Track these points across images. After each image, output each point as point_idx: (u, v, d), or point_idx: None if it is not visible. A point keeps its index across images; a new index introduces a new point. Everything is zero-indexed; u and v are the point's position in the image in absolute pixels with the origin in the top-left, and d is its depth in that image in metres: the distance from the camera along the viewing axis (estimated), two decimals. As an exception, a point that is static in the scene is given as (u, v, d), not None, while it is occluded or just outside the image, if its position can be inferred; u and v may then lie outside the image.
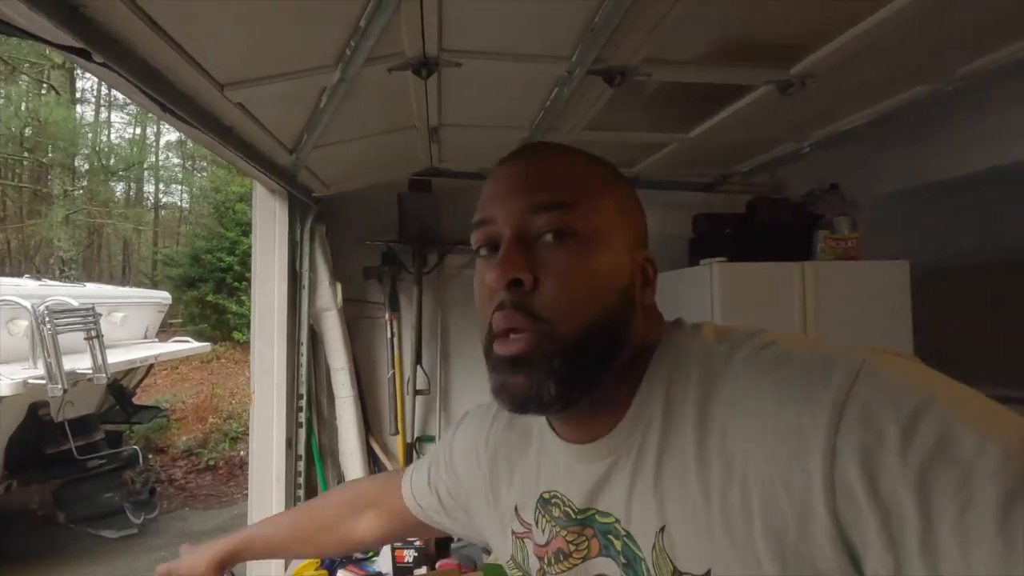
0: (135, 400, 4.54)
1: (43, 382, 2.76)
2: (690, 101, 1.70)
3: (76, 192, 11.54)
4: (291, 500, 2.31)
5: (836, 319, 2.19)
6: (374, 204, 2.70)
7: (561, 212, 0.51)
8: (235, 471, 4.19)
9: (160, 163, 14.43)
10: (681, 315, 2.12)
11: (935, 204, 2.61)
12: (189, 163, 14.65)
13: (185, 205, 14.92)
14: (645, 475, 0.49)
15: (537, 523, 0.59)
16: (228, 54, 1.10)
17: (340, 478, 2.55)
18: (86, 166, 12.20)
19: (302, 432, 2.44)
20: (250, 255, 2.46)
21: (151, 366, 4.60)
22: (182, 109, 1.15)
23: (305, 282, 2.45)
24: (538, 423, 0.62)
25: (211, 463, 5.14)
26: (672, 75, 1.40)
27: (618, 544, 0.51)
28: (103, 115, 13.79)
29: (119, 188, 13.56)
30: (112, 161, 12.66)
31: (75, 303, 3.16)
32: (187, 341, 4.80)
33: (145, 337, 4.49)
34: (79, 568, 3.26)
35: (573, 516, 0.55)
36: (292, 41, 1.12)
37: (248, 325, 2.58)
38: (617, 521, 0.51)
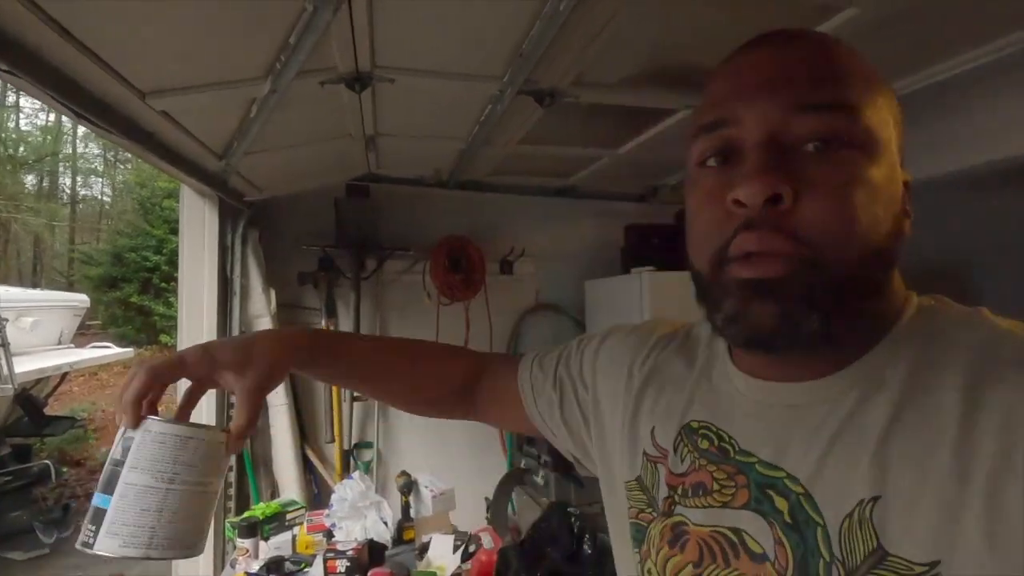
0: (46, 410, 4.22)
1: (-61, 395, 2.54)
2: (620, 118, 1.78)
3: (-22, 183, 10.58)
4: (221, 511, 2.24)
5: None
6: (310, 208, 2.66)
7: (837, 114, 0.41)
8: (160, 483, 3.97)
9: (78, 154, 13.44)
10: (613, 320, 2.21)
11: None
12: (111, 155, 13.71)
13: (106, 199, 13.97)
14: (864, 435, 0.41)
15: (676, 450, 0.52)
16: (151, 63, 1.07)
17: (274, 487, 2.49)
18: (-9, 155, 11.21)
19: (233, 442, 2.37)
20: (179, 254, 2.37)
21: (65, 373, 4.30)
22: (98, 116, 1.11)
23: (237, 288, 2.38)
24: (710, 350, 0.55)
25: (133, 475, 4.86)
26: (599, 97, 1.48)
27: (781, 502, 0.43)
28: (10, 99, 12.70)
29: (29, 180, 12.52)
30: (21, 150, 11.68)
31: (-24, 308, 2.93)
32: (107, 347, 4.52)
33: (59, 343, 4.19)
34: (-19, 594, 3.01)
35: (731, 455, 0.48)
36: (220, 52, 1.11)
37: (177, 327, 2.48)
38: (789, 477, 0.43)
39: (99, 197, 14.07)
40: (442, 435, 2.87)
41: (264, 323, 2.45)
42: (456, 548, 1.28)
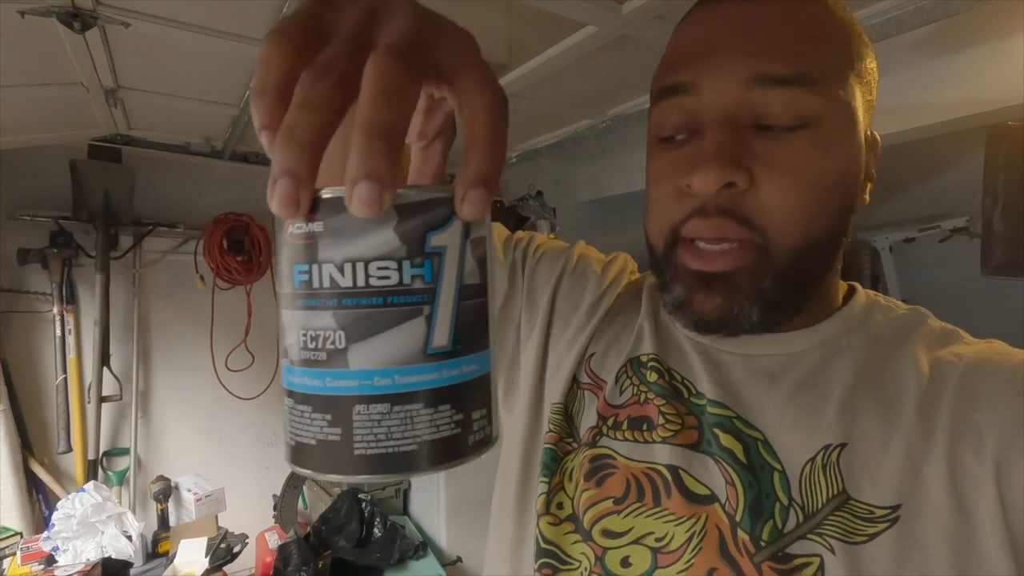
0: None
1: None
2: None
3: None
4: None
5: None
6: (33, 171, 2.17)
7: (800, 91, 0.38)
8: None
9: None
10: None
11: (612, 214, 3.24)
12: None
13: None
14: (828, 389, 0.42)
15: (617, 380, 0.50)
16: None
17: (-20, 516, 2.00)
18: None
19: (-88, 465, 1.84)
20: None
21: None
22: None
23: (-85, 266, 1.84)
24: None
25: None
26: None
27: (734, 444, 0.42)
28: None
29: None
30: None
31: None
32: None
33: None
34: None
35: (684, 396, 0.46)
36: None
37: None
38: (744, 421, 0.43)
39: None
40: (221, 433, 2.60)
41: (-38, 311, 1.94)
42: (209, 549, 1.17)
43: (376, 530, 2.12)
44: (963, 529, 0.35)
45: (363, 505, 2.17)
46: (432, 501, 2.41)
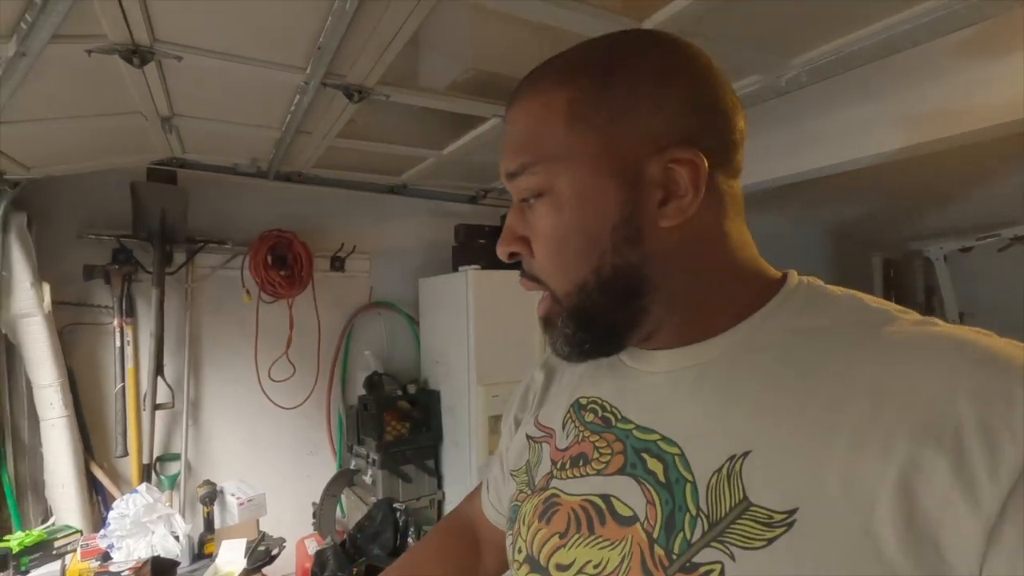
0: None
1: None
2: (447, 120, 1.83)
3: None
4: (-32, 550, 1.87)
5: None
6: (99, 192, 2.33)
7: (523, 178, 0.48)
8: None
9: None
10: (444, 317, 2.32)
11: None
12: None
13: None
14: (737, 394, 0.43)
15: (564, 426, 0.56)
16: None
17: (46, 513, 2.14)
18: None
19: (-12, 465, 2.00)
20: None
21: None
22: None
23: (-6, 282, 2.01)
24: None
25: None
26: (408, 99, 1.51)
27: (655, 464, 0.45)
28: None
29: None
30: None
31: None
32: None
33: None
34: None
35: (612, 424, 0.51)
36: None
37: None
38: (664, 439, 0.46)
39: None
40: (263, 441, 2.71)
41: (35, 322, 2.10)
42: (248, 551, 1.23)
43: (410, 539, 2.15)
44: (860, 529, 0.35)
45: (398, 515, 2.21)
46: (465, 512, 2.43)
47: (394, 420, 2.58)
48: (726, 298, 0.48)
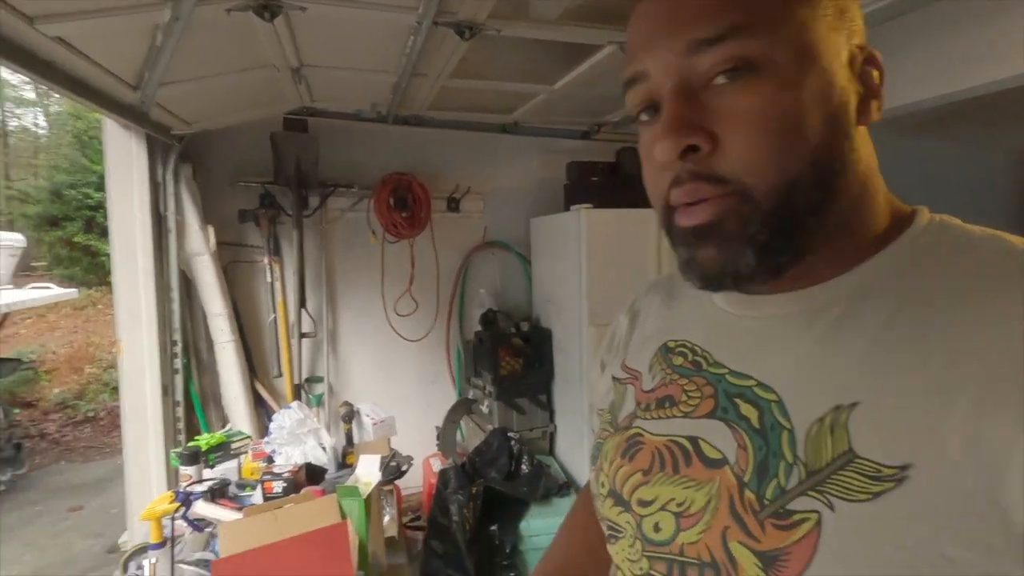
0: (-9, 352, 4.14)
1: None
2: (558, 53, 1.76)
3: None
4: (171, 445, 2.31)
5: (688, 260, 2.45)
6: (247, 143, 2.59)
7: (733, 43, 0.39)
8: (118, 421, 4.02)
9: (3, 80, 12.35)
10: (556, 257, 2.34)
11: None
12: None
13: (41, 132, 13.02)
14: (848, 344, 0.41)
15: (650, 369, 0.54)
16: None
17: (224, 420, 2.56)
18: (-98, 81, 10.21)
19: (179, 378, 2.41)
20: (106, 191, 2.30)
21: (7, 315, 4.18)
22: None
23: (172, 225, 2.34)
24: None
25: (90, 414, 4.86)
26: (520, 31, 1.46)
27: (748, 410, 0.44)
28: (-82, 18, 11.38)
29: (-50, 109, 11.52)
30: (-63, 76, 10.65)
31: None
32: (48, 287, 4.38)
33: (-2, 283, 4.05)
34: (-60, 530, 3.07)
35: (703, 368, 0.49)
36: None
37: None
38: (760, 385, 0.44)
39: (33, 129, 13.10)
40: (392, 369, 2.97)
41: (203, 261, 2.43)
42: (382, 465, 1.38)
43: (524, 466, 2.29)
44: (985, 497, 0.33)
45: (512, 443, 2.34)
46: (577, 445, 2.52)
47: (508, 356, 2.69)
48: (861, 230, 0.44)
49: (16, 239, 4.41)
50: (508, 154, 3.03)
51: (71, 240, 7.34)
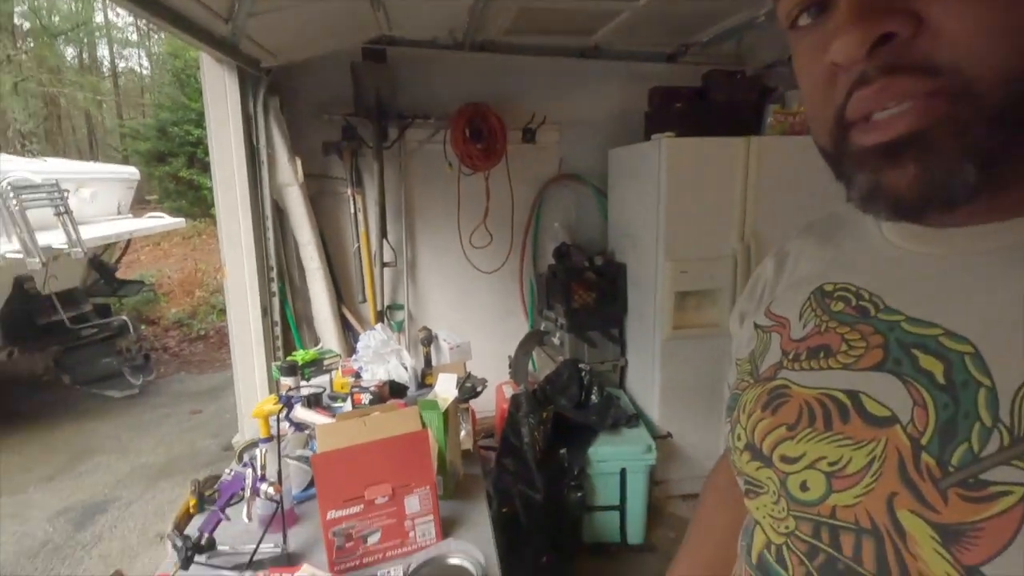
0: (118, 275, 4.67)
1: (20, 256, 2.86)
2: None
3: (21, 56, 10.67)
4: (271, 360, 2.55)
5: (776, 194, 2.31)
6: (329, 75, 2.64)
7: None
8: (225, 339, 4.47)
9: (111, 23, 13.18)
10: (633, 189, 2.30)
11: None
12: (142, 23, 13.39)
13: (145, 72, 13.92)
14: None
15: (801, 315, 0.48)
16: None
17: (316, 341, 2.78)
18: (27, 25, 11.14)
19: (276, 301, 2.63)
20: (206, 125, 2.45)
21: (129, 242, 4.67)
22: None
23: (263, 157, 2.48)
24: (853, 211, 0.47)
25: (201, 332, 5.45)
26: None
27: (930, 362, 0.37)
28: (35, -36, 12.25)
29: (69, 52, 12.51)
30: (56, 19, 11.53)
31: (38, 179, 3.15)
32: (161, 216, 4.83)
33: (118, 213, 4.50)
34: (89, 423, 3.61)
35: (872, 315, 0.42)
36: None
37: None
38: (948, 334, 0.37)
39: (138, 69, 14.02)
40: (468, 300, 3.07)
41: (293, 191, 2.57)
42: (458, 384, 1.47)
43: (593, 396, 2.34)
44: None
45: (583, 374, 2.39)
46: (647, 380, 2.53)
47: (581, 289, 2.70)
48: None
49: (131, 172, 4.84)
50: (586, 82, 2.90)
51: (177, 175, 7.94)
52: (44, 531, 2.54)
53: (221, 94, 2.35)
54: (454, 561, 0.88)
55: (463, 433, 1.57)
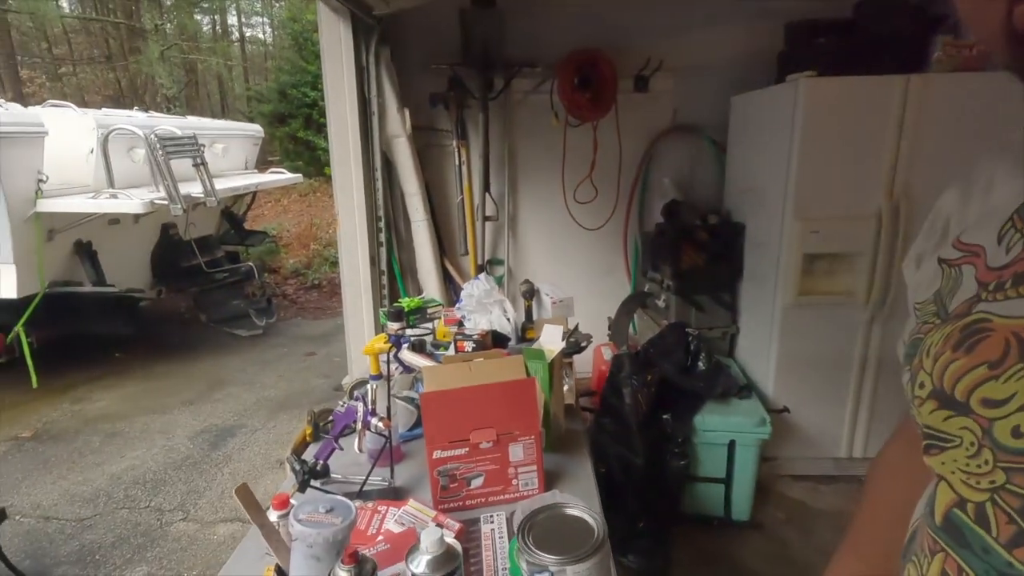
0: (245, 226, 5.10)
1: (166, 203, 3.17)
2: None
3: (166, 26, 11.77)
4: (378, 306, 2.65)
5: (939, 143, 1.97)
6: (437, 23, 2.60)
7: None
8: (336, 289, 4.80)
9: (237, -9, 14.11)
10: (760, 140, 2.10)
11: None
12: (265, -10, 14.25)
13: (269, 39, 14.87)
14: None
15: (1001, 240, 0.43)
16: None
17: (419, 291, 2.85)
18: (170, -2, 12.24)
19: (383, 251, 2.71)
20: (322, 78, 2.53)
21: (254, 195, 5.06)
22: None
23: (374, 108, 2.51)
24: None
25: (316, 282, 5.86)
26: None
27: None
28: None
29: (205, 21, 13.63)
30: (191, -10, 12.54)
31: (180, 132, 3.46)
32: (282, 172, 5.17)
33: (245, 168, 4.88)
34: (222, 357, 4.05)
35: None
36: None
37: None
38: None
39: (262, 36, 14.99)
40: (568, 257, 2.99)
41: (401, 142, 2.60)
42: (564, 337, 1.41)
43: (701, 363, 2.20)
44: None
45: (690, 339, 2.25)
46: (762, 350, 2.33)
47: (691, 250, 2.52)
48: None
49: (257, 129, 5.20)
50: (708, 21, 2.63)
51: (295, 135, 8.46)
52: (186, 447, 2.88)
53: (336, 47, 2.39)
54: (573, 512, 0.83)
55: (566, 387, 1.52)
